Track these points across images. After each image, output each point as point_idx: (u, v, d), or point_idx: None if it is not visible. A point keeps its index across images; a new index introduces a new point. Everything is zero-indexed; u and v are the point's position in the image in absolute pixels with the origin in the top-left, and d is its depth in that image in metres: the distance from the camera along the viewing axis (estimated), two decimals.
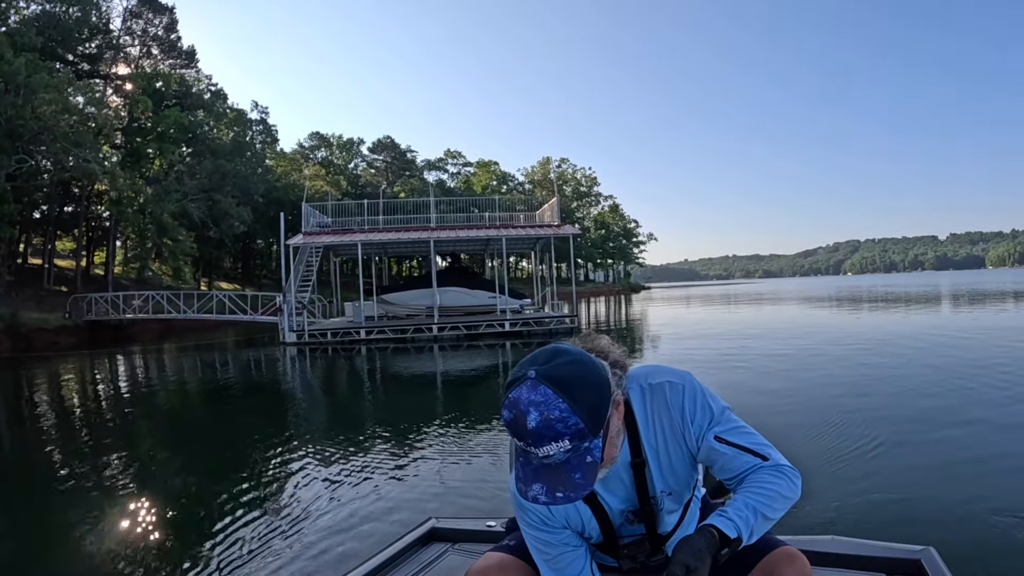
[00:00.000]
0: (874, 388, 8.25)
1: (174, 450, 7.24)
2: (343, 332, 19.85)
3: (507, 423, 1.08)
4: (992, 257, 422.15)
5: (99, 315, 24.43)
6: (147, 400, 11.04)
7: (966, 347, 12.04)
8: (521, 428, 1.06)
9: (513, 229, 23.57)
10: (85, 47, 31.55)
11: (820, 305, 33.44)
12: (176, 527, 4.42)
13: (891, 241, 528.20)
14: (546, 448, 1.05)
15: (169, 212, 28.95)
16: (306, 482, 5.29)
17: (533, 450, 1.06)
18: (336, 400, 11.01)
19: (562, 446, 1.06)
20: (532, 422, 1.05)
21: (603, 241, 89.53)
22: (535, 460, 1.09)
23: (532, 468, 1.10)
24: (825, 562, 1.64)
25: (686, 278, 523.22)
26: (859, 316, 24.95)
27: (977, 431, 5.85)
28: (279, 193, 45.45)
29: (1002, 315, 20.95)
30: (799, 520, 3.70)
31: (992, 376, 8.58)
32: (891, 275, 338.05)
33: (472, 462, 5.70)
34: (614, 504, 1.34)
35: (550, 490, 1.08)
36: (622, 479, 1.32)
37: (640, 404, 1.31)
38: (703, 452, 1.30)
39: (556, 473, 1.08)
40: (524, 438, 1.06)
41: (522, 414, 1.05)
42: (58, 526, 4.57)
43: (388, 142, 78.95)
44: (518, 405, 1.06)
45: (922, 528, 3.64)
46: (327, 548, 3.81)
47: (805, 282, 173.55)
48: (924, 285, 61.34)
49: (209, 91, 38.80)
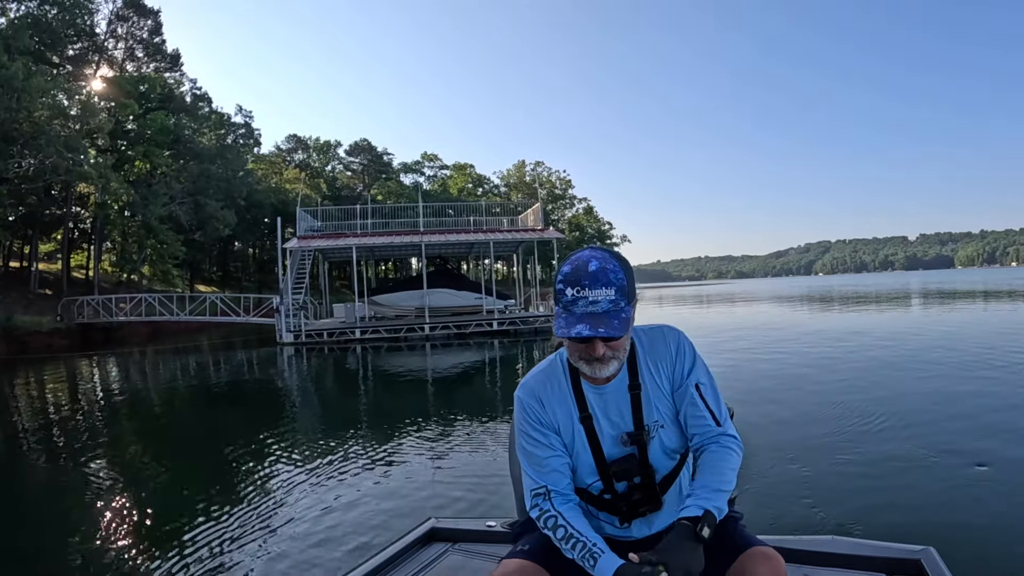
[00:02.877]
0: (873, 388, 8.26)
1: (180, 449, 7.38)
2: (339, 332, 20.60)
3: (565, 274, 1.27)
4: (961, 257, 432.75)
5: (90, 318, 24.72)
6: (161, 399, 11.47)
7: (964, 346, 12.06)
8: (581, 271, 1.25)
9: (499, 233, 24.58)
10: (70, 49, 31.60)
11: (795, 305, 34.44)
12: (175, 527, 4.36)
13: (861, 242, 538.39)
14: (596, 292, 1.23)
15: (157, 216, 29.26)
16: (307, 481, 5.31)
17: (585, 293, 1.23)
18: (337, 398, 11.35)
19: (608, 294, 1.24)
20: (592, 266, 1.25)
21: (578, 243, 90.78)
22: (581, 307, 1.24)
23: (576, 315, 1.24)
24: (825, 562, 1.65)
25: (658, 279, 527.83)
26: (835, 314, 25.77)
27: (977, 431, 5.84)
28: (260, 196, 45.66)
29: (983, 314, 21.18)
30: (799, 520, 3.79)
31: (992, 376, 8.65)
32: (861, 275, 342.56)
33: (471, 461, 5.74)
34: (608, 430, 1.41)
35: (593, 327, 1.22)
36: (619, 406, 1.41)
37: (641, 337, 1.45)
38: (679, 391, 1.42)
39: (598, 317, 1.23)
40: (582, 279, 1.24)
41: (584, 262, 1.26)
42: (59, 525, 4.58)
43: (365, 144, 78.98)
44: (580, 257, 1.28)
45: (922, 528, 3.61)
46: (327, 548, 3.83)
47: (777, 282, 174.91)
48: (897, 284, 63.34)
49: (193, 94, 39.05)
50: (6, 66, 20.67)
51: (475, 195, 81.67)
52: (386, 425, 7.72)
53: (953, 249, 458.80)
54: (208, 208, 33.10)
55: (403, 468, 5.60)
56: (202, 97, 39.71)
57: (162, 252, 30.61)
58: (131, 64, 35.32)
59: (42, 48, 26.91)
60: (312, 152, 72.28)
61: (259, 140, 54.48)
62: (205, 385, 13.24)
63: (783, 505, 4.16)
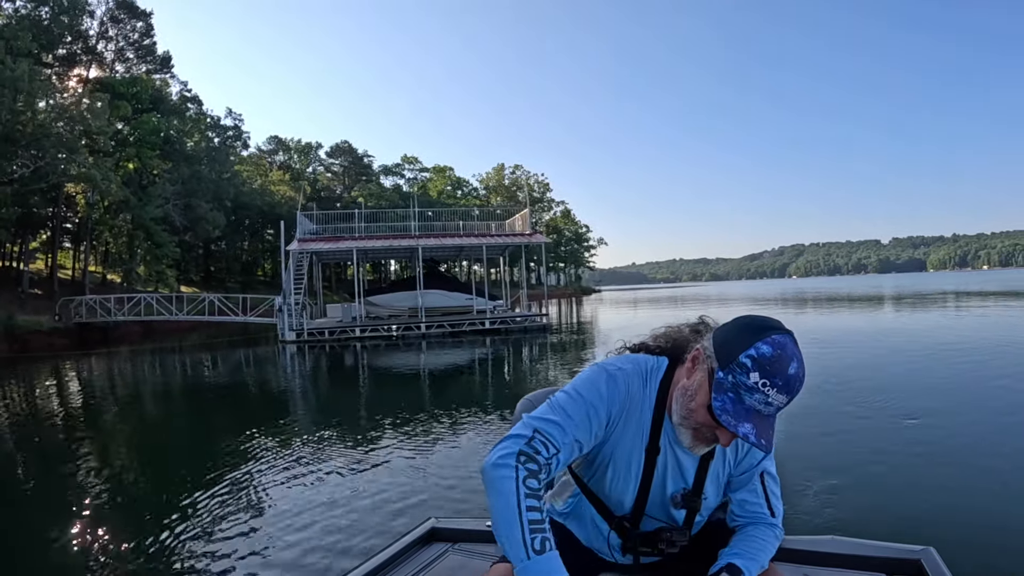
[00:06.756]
0: (871, 387, 8.37)
1: (182, 447, 7.55)
2: (339, 330, 21.53)
3: (766, 357, 1.09)
4: (933, 260, 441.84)
5: (88, 318, 25.17)
6: (186, 395, 12.07)
7: (962, 346, 12.28)
8: (782, 369, 1.08)
9: (490, 237, 25.70)
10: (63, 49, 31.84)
11: (770, 306, 35.09)
12: (173, 527, 4.33)
13: (835, 245, 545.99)
14: (782, 397, 1.09)
15: (152, 217, 29.78)
16: (307, 481, 5.32)
17: (769, 391, 1.08)
18: (340, 395, 11.67)
19: (784, 402, 1.10)
20: (794, 369, 1.09)
21: (555, 246, 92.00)
22: (757, 401, 1.10)
23: (745, 408, 1.11)
24: (825, 562, 1.64)
25: (634, 281, 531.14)
26: (812, 315, 26.80)
27: (977, 431, 5.89)
28: (245, 198, 46.11)
29: (964, 316, 21.41)
30: (799, 520, 3.79)
31: (991, 377, 8.76)
32: (835, 278, 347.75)
33: (472, 460, 5.69)
34: (667, 477, 1.32)
35: (759, 434, 1.11)
36: (686, 462, 1.32)
37: None
38: (745, 476, 1.35)
39: (764, 422, 1.12)
40: (776, 377, 1.08)
41: (788, 359, 1.09)
42: (58, 524, 4.56)
43: (346, 147, 79.07)
44: (786, 348, 1.09)
45: (922, 528, 3.64)
46: (327, 548, 3.82)
47: (752, 285, 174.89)
48: (869, 287, 64.99)
49: (183, 96, 39.44)
50: (11, 67, 21.10)
51: (455, 197, 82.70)
52: (387, 424, 7.77)
53: (925, 252, 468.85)
54: (199, 210, 33.66)
55: (403, 468, 5.60)
56: (192, 99, 40.16)
57: (157, 253, 31.11)
58: (121, 65, 35.60)
59: (39, 50, 27.21)
60: (293, 154, 72.44)
61: (247, 143, 54.77)
62: (221, 382, 13.86)
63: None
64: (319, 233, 24.79)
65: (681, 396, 1.24)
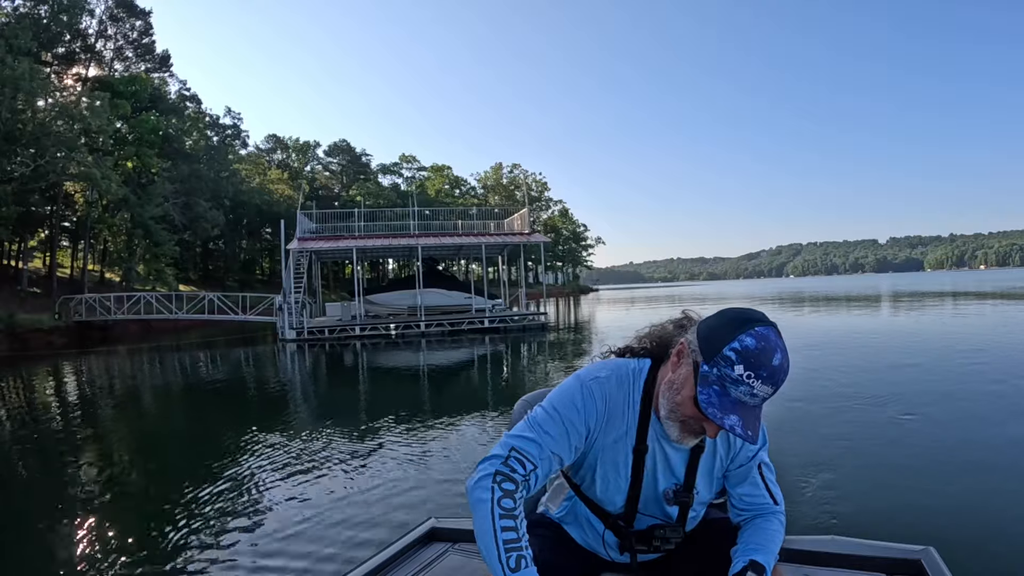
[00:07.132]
0: (869, 386, 8.39)
1: (182, 445, 7.58)
2: (339, 329, 21.62)
3: (749, 349, 1.09)
4: (931, 260, 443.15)
5: (88, 316, 25.20)
6: (192, 393, 12.16)
7: (962, 346, 12.25)
8: (766, 360, 1.09)
9: (489, 237, 25.82)
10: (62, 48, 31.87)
11: (768, 306, 35.67)
12: (173, 524, 4.33)
13: (832, 244, 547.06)
14: (765, 388, 1.10)
15: (151, 215, 29.83)
16: (307, 480, 5.33)
17: (754, 382, 1.09)
18: (338, 393, 11.70)
19: (770, 393, 1.11)
20: (778, 360, 1.09)
21: (553, 245, 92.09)
22: (742, 393, 1.11)
23: (731, 400, 1.12)
24: (825, 562, 1.64)
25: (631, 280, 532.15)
26: (809, 316, 26.90)
27: (977, 430, 5.90)
28: (244, 197, 46.16)
29: (964, 316, 21.31)
30: (799, 520, 3.77)
31: (991, 375, 8.84)
32: (832, 277, 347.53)
33: (472, 460, 5.42)
34: (658, 474, 1.34)
35: (745, 425, 1.11)
36: (676, 458, 1.34)
37: None
38: (742, 470, 1.37)
39: (750, 413, 1.12)
40: (761, 368, 1.09)
41: (772, 350, 1.09)
42: (58, 522, 4.57)
43: (344, 145, 79.04)
44: (769, 340, 1.10)
45: (922, 528, 3.63)
46: (326, 548, 3.81)
47: (749, 284, 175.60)
48: (866, 287, 64.96)
49: (182, 95, 39.47)
50: (11, 66, 21.14)
51: (452, 196, 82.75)
52: (387, 422, 7.75)
53: (923, 252, 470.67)
54: (197, 208, 33.72)
55: (403, 467, 5.61)
56: (191, 98, 40.19)
57: (156, 252, 31.15)
58: (120, 64, 35.63)
59: (38, 48, 27.25)
60: (291, 152, 72.40)
61: (246, 141, 54.78)
62: (221, 380, 13.93)
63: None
64: (318, 232, 24.88)
65: (667, 390, 1.25)
